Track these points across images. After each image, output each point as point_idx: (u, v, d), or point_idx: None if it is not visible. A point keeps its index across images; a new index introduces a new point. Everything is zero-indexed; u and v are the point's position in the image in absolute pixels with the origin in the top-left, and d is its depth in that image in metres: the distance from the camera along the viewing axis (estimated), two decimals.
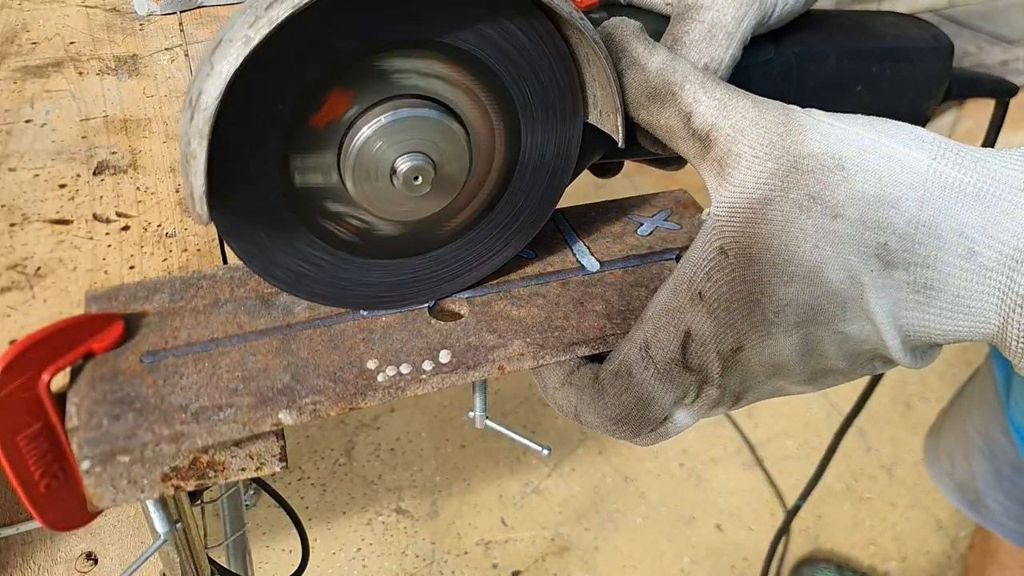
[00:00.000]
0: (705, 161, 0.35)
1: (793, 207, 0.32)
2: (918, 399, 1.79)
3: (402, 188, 0.35)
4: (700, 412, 0.38)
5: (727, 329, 0.35)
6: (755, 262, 0.33)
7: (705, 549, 1.52)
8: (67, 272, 0.43)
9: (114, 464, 0.33)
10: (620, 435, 0.39)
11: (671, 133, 0.36)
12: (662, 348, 0.36)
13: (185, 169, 0.31)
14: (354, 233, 0.37)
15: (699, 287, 0.35)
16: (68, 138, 0.55)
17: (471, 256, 0.41)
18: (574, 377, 0.39)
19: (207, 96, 0.29)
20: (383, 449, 1.66)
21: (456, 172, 0.36)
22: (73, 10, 0.77)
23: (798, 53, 0.42)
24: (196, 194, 0.31)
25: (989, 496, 0.96)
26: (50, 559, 0.55)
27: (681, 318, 0.35)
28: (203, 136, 0.30)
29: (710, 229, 0.34)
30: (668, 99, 0.35)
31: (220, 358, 0.36)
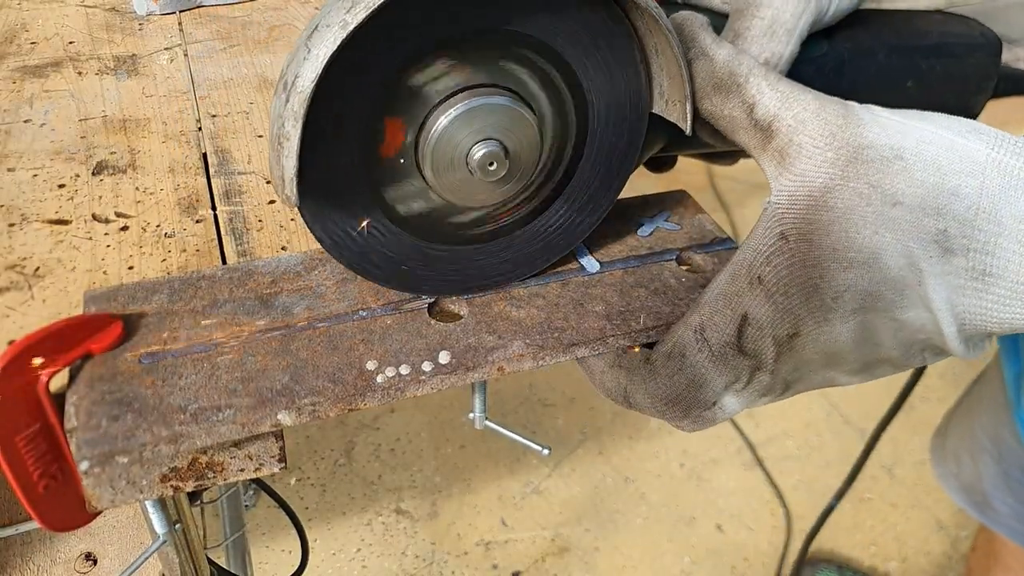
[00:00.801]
0: (766, 151, 0.36)
1: (853, 195, 0.33)
2: (919, 399, 1.79)
3: (478, 174, 0.36)
4: (749, 399, 0.39)
5: (785, 314, 0.35)
6: (815, 247, 0.34)
7: (705, 549, 1.52)
8: (66, 272, 0.43)
9: (113, 465, 0.33)
10: (670, 415, 0.39)
11: (733, 123, 0.37)
12: (718, 331, 0.37)
13: (277, 152, 0.32)
14: (424, 217, 0.39)
15: (758, 272, 0.35)
16: (67, 138, 0.55)
17: (537, 245, 0.42)
18: (623, 360, 0.40)
19: (304, 79, 0.31)
20: (383, 449, 1.66)
21: (528, 158, 0.37)
22: (72, 10, 0.77)
23: (849, 49, 0.43)
24: (287, 176, 0.32)
25: (996, 498, 0.96)
26: (49, 560, 0.55)
27: (739, 302, 0.36)
28: (298, 118, 0.31)
29: (770, 216, 0.35)
30: (733, 90, 0.36)
31: (219, 359, 0.36)
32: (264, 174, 0.52)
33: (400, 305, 0.40)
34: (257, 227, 0.47)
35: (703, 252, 0.46)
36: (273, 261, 0.43)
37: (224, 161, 0.53)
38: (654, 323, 0.41)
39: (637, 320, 0.41)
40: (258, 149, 0.55)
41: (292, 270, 0.42)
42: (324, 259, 0.43)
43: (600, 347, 0.40)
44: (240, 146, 0.55)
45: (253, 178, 0.51)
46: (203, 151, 0.54)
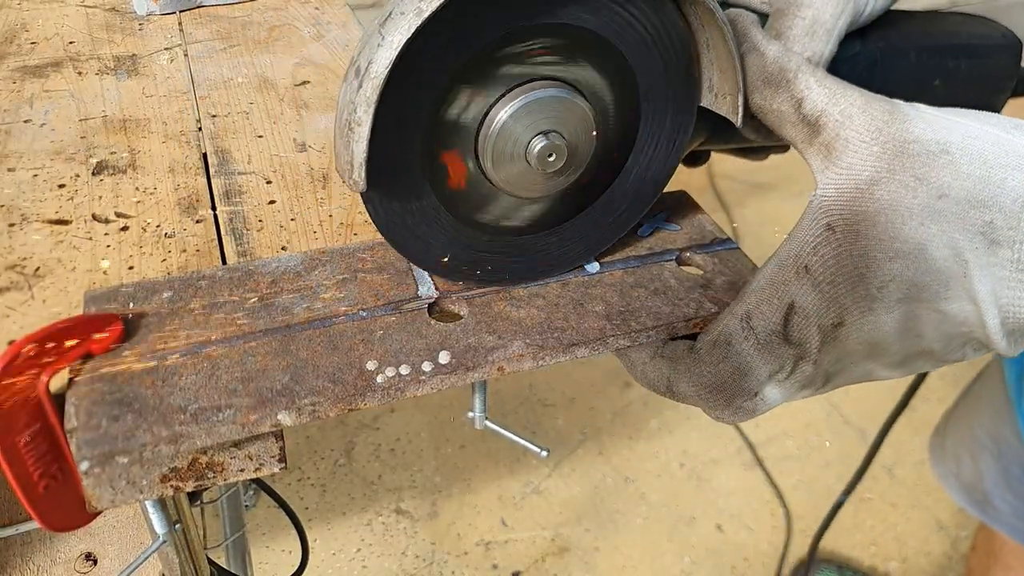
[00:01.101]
0: (812, 145, 0.37)
1: (899, 187, 0.34)
2: (919, 399, 1.79)
3: (536, 166, 0.37)
4: (791, 390, 0.39)
5: (831, 303, 0.36)
6: (862, 238, 0.35)
7: (705, 549, 1.52)
8: (66, 272, 0.43)
9: (113, 465, 0.33)
10: (713, 404, 0.40)
11: (781, 117, 0.38)
12: (764, 319, 0.38)
13: (347, 137, 0.33)
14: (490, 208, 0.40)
15: (805, 261, 0.36)
16: (67, 138, 0.55)
17: (588, 235, 0.43)
18: (665, 350, 0.41)
19: (377, 65, 0.31)
20: (383, 450, 1.66)
21: (584, 148, 0.38)
22: (72, 10, 0.77)
23: (881, 48, 0.44)
24: (356, 161, 0.33)
25: (997, 496, 0.96)
26: (49, 560, 0.55)
27: (786, 291, 0.37)
28: (371, 104, 0.32)
29: (816, 208, 0.36)
30: (783, 85, 0.37)
31: (219, 359, 0.36)
32: (264, 174, 0.52)
33: (400, 305, 0.40)
34: (257, 227, 0.47)
35: (703, 252, 0.46)
36: (273, 261, 0.43)
37: (224, 161, 0.53)
38: (654, 323, 0.41)
39: (637, 320, 0.41)
40: (258, 149, 0.55)
41: (292, 270, 0.42)
42: (324, 259, 0.43)
43: (600, 347, 0.40)
44: (240, 146, 0.55)
45: (253, 178, 0.51)
46: (203, 151, 0.54)
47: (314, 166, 0.53)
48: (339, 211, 0.49)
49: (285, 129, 0.57)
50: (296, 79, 0.65)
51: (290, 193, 0.50)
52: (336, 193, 0.50)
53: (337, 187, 0.51)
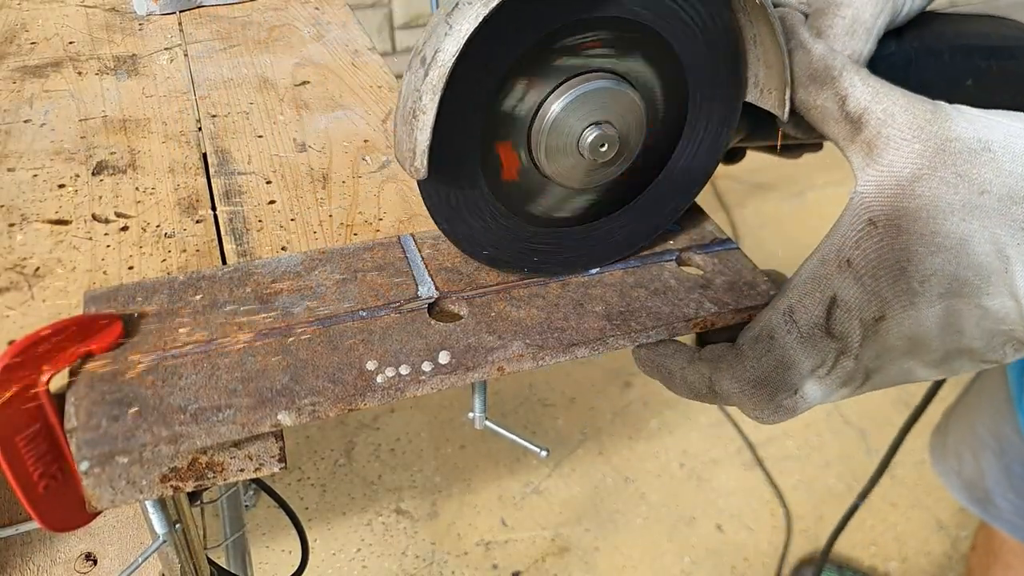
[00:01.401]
0: (854, 143, 0.38)
1: (940, 184, 0.35)
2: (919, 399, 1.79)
3: (588, 156, 0.38)
4: (831, 387, 0.40)
5: (872, 296, 0.37)
6: (903, 232, 0.36)
7: (705, 549, 1.52)
8: (66, 272, 0.43)
9: (113, 465, 0.33)
10: (756, 399, 0.40)
11: (824, 114, 0.39)
12: (807, 312, 0.38)
13: (410, 125, 0.34)
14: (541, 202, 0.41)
15: (848, 255, 0.37)
16: (67, 138, 0.55)
17: (631, 228, 0.44)
18: (704, 353, 0.41)
19: (444, 54, 0.32)
20: (383, 450, 1.66)
21: (634, 139, 0.39)
22: (72, 10, 0.77)
23: (916, 48, 0.44)
24: (419, 148, 0.34)
25: (998, 494, 0.96)
26: (49, 560, 0.55)
27: (828, 284, 0.38)
28: (436, 92, 0.32)
29: (857, 205, 0.37)
30: (827, 82, 0.38)
31: (219, 359, 0.36)
32: (264, 174, 0.52)
33: (400, 305, 0.40)
34: (257, 227, 0.47)
35: (703, 252, 0.46)
36: (273, 261, 0.43)
37: (224, 161, 0.53)
38: (654, 323, 0.41)
39: (637, 320, 0.41)
40: (258, 149, 0.55)
41: (292, 270, 0.42)
42: (324, 259, 0.43)
43: (600, 347, 0.40)
44: (240, 146, 0.55)
45: (253, 178, 0.51)
46: (203, 151, 0.54)
47: (314, 166, 0.53)
48: (339, 211, 0.49)
49: (285, 129, 0.57)
50: (296, 79, 0.65)
51: (290, 193, 0.50)
52: (336, 193, 0.50)
53: (337, 187, 0.51)
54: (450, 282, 0.42)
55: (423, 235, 0.46)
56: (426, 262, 0.43)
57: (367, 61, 0.68)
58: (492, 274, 0.43)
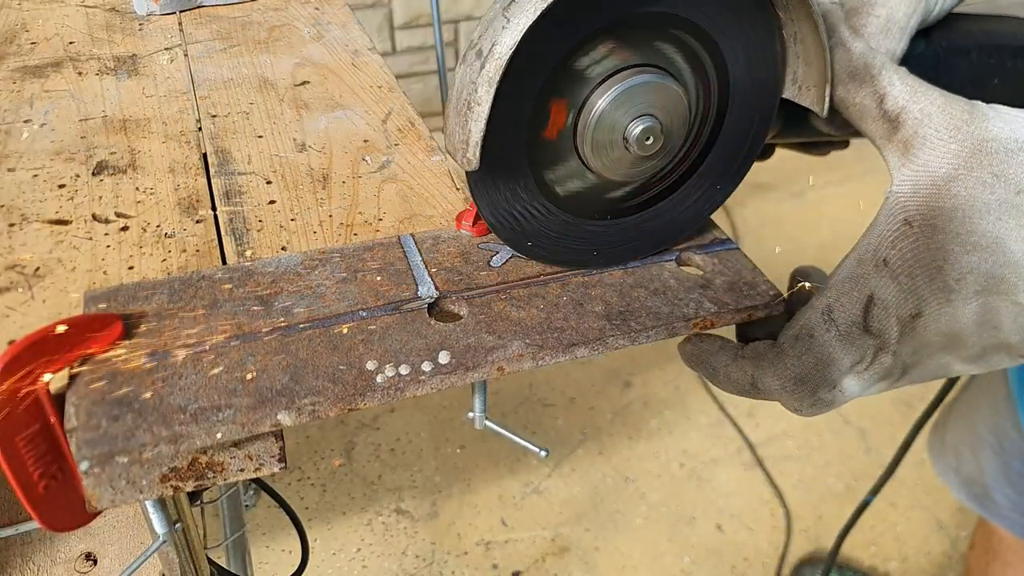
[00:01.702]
0: (891, 142, 0.38)
1: (976, 184, 0.35)
2: (919, 399, 1.79)
3: (635, 150, 0.38)
4: (869, 381, 0.40)
5: (909, 294, 0.37)
6: (939, 231, 0.36)
7: (705, 549, 1.52)
8: (66, 272, 0.43)
9: (113, 465, 0.33)
10: (798, 396, 0.41)
11: (862, 112, 0.39)
12: (845, 311, 0.39)
13: (464, 116, 0.35)
14: (580, 195, 0.41)
15: (884, 255, 0.38)
16: (67, 138, 0.55)
17: (668, 222, 0.44)
18: (746, 351, 0.42)
19: (502, 47, 0.33)
20: (383, 449, 1.66)
21: (678, 132, 0.40)
22: (72, 10, 0.77)
23: (944, 47, 0.45)
24: (472, 140, 0.35)
25: (997, 490, 0.96)
26: (49, 559, 0.55)
27: (865, 283, 0.38)
28: (492, 84, 0.33)
29: (892, 204, 0.38)
30: (867, 80, 0.39)
31: (219, 359, 0.36)
32: (264, 174, 0.52)
33: (400, 305, 0.40)
34: (257, 227, 0.47)
35: (703, 252, 0.46)
36: (273, 261, 0.43)
37: (224, 161, 0.53)
38: (653, 323, 0.41)
39: (637, 320, 0.41)
40: (258, 149, 0.55)
41: (292, 270, 0.42)
42: (324, 259, 0.43)
43: (600, 347, 0.40)
44: (240, 146, 0.55)
45: (253, 178, 0.51)
46: (203, 151, 0.54)
47: (314, 166, 0.53)
48: (339, 211, 0.49)
49: (285, 129, 0.57)
50: (296, 79, 0.65)
51: (290, 193, 0.50)
52: (336, 193, 0.50)
53: (337, 187, 0.51)
54: (450, 282, 0.42)
55: (423, 235, 0.46)
56: (426, 262, 0.43)
57: (367, 61, 0.68)
58: (492, 274, 0.43)
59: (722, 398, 1.79)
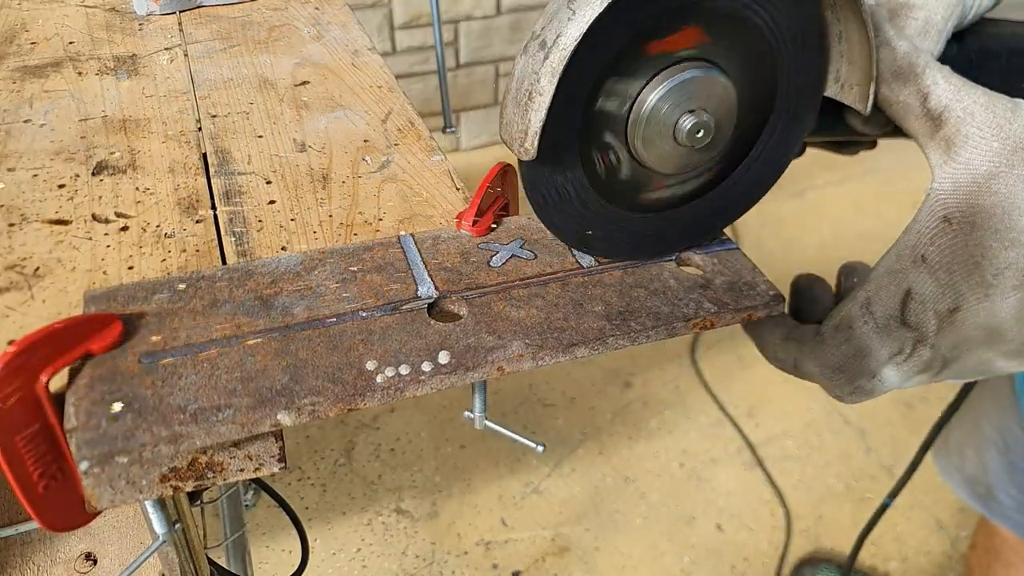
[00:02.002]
0: (933, 140, 0.39)
1: (1017, 182, 0.36)
2: (918, 399, 1.79)
3: (685, 143, 0.39)
4: (908, 373, 0.41)
5: (946, 289, 0.38)
6: (978, 228, 0.37)
7: (705, 549, 1.52)
8: (66, 272, 0.43)
9: (112, 465, 0.33)
10: (836, 382, 0.42)
11: (905, 110, 0.40)
12: (882, 304, 0.40)
13: (525, 107, 0.35)
14: (630, 188, 0.42)
15: (923, 251, 0.39)
16: (67, 138, 0.55)
17: (714, 210, 0.45)
18: (795, 333, 0.44)
19: (567, 38, 0.33)
20: (383, 449, 1.66)
21: (726, 126, 0.40)
22: (72, 10, 0.77)
23: (976, 51, 0.46)
24: (532, 130, 0.35)
25: (1000, 490, 0.96)
26: (49, 559, 0.55)
27: (903, 278, 0.39)
28: (555, 74, 0.34)
29: (933, 202, 0.38)
30: (910, 79, 0.39)
31: (219, 359, 0.36)
32: (264, 174, 0.52)
33: (400, 305, 0.40)
34: (257, 227, 0.47)
35: (703, 252, 0.46)
36: (273, 261, 0.43)
37: (224, 161, 0.53)
38: (653, 323, 0.41)
39: (637, 320, 0.41)
40: (258, 149, 0.55)
41: (292, 270, 0.42)
42: (324, 259, 0.43)
43: (600, 347, 0.40)
44: (240, 146, 0.55)
45: (253, 178, 0.51)
46: (203, 151, 0.54)
47: (314, 166, 0.53)
48: (339, 211, 0.49)
49: (285, 129, 0.57)
50: (296, 79, 0.65)
51: (290, 193, 0.50)
52: (336, 193, 0.50)
53: (337, 187, 0.51)
54: (450, 282, 0.42)
55: (423, 235, 0.46)
56: (426, 262, 0.43)
57: (367, 61, 0.68)
58: (492, 274, 0.43)
59: (722, 398, 1.79)
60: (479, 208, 0.46)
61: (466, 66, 2.40)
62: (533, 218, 0.47)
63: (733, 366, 1.86)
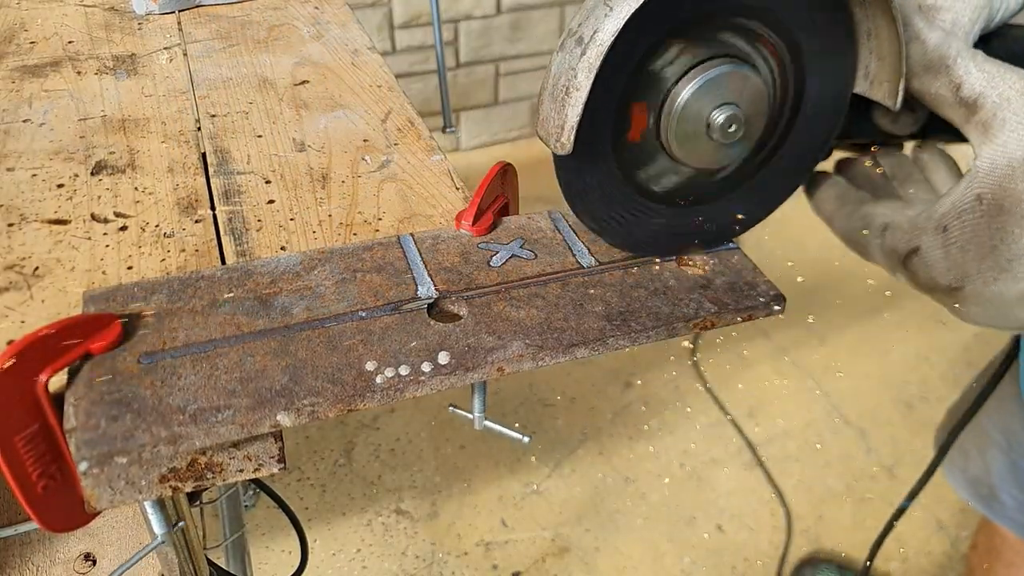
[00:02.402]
0: (969, 123, 0.40)
1: None
2: (918, 399, 1.79)
3: (718, 137, 0.39)
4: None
5: (953, 268, 0.40)
6: (1004, 212, 0.38)
7: (706, 550, 1.52)
8: (65, 272, 0.43)
9: (112, 465, 0.33)
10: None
11: (939, 100, 0.41)
12: (892, 240, 0.42)
13: (561, 101, 0.36)
14: (675, 186, 0.43)
15: (947, 222, 0.40)
16: (66, 138, 0.55)
17: (743, 207, 0.45)
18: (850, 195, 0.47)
19: (604, 33, 0.34)
20: (383, 450, 1.66)
21: (757, 121, 0.41)
22: (71, 9, 0.77)
23: (1002, 57, 0.47)
24: (568, 124, 0.35)
25: (1003, 491, 0.96)
26: (48, 560, 0.55)
27: (919, 236, 0.41)
28: (592, 69, 0.34)
29: (972, 177, 0.39)
30: (942, 71, 0.40)
31: (218, 359, 0.36)
32: (263, 174, 0.52)
33: (400, 305, 0.40)
34: (256, 227, 0.47)
35: (703, 252, 0.45)
36: (272, 261, 0.43)
37: (223, 161, 0.53)
38: (654, 323, 0.41)
39: (637, 320, 0.41)
40: (257, 149, 0.55)
41: (291, 270, 0.42)
42: (323, 259, 0.43)
43: (600, 347, 0.40)
44: (239, 146, 0.55)
45: (252, 178, 0.51)
46: (202, 151, 0.54)
47: (313, 166, 0.53)
48: (338, 211, 0.49)
49: (284, 129, 0.57)
50: (296, 79, 0.64)
51: (289, 193, 0.50)
52: (335, 193, 0.50)
53: (336, 187, 0.51)
54: (450, 282, 0.42)
55: (423, 235, 0.46)
56: (426, 262, 0.43)
57: (367, 61, 0.68)
58: (492, 274, 0.43)
59: (722, 398, 1.79)
60: (479, 208, 0.46)
61: (466, 66, 2.40)
62: (533, 218, 0.47)
63: (733, 366, 1.86)
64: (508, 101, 2.51)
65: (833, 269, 1.93)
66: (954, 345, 1.89)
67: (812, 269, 2.06)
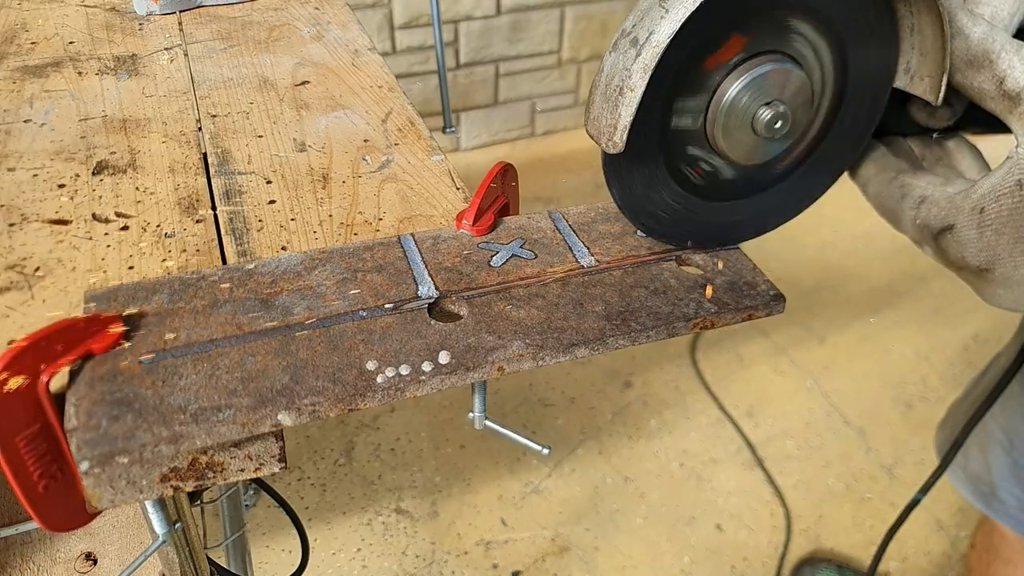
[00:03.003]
0: (1012, 115, 0.40)
1: None
2: (918, 399, 1.79)
3: (763, 133, 0.40)
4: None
5: (984, 249, 0.40)
6: None
7: (705, 549, 1.52)
8: (66, 272, 0.43)
9: (113, 465, 0.33)
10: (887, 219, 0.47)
11: (982, 94, 0.41)
12: (927, 213, 0.42)
13: (615, 101, 0.36)
14: (703, 177, 0.43)
15: (984, 204, 0.40)
16: (67, 138, 0.55)
17: (784, 199, 0.46)
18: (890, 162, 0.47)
19: (659, 35, 0.34)
20: (383, 449, 1.66)
21: (801, 118, 0.41)
22: (72, 10, 0.77)
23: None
24: (621, 124, 0.36)
25: (1004, 489, 0.96)
26: (49, 559, 0.55)
27: (954, 215, 0.41)
28: (647, 71, 0.35)
29: (1014, 164, 0.39)
30: (985, 65, 0.40)
31: (219, 359, 0.36)
32: (264, 174, 0.52)
33: (400, 305, 0.40)
34: (257, 227, 0.47)
35: (703, 252, 0.46)
36: (273, 261, 0.43)
37: (224, 161, 0.53)
38: (654, 323, 0.41)
39: (637, 320, 0.41)
40: (258, 149, 0.55)
41: (292, 270, 0.42)
42: (324, 259, 0.43)
43: (600, 347, 0.40)
44: (240, 146, 0.55)
45: (253, 178, 0.51)
46: (203, 151, 0.54)
47: (314, 166, 0.53)
48: (339, 211, 0.49)
49: (285, 129, 0.57)
50: (296, 79, 0.65)
51: (290, 193, 0.50)
52: (336, 193, 0.50)
53: (337, 187, 0.51)
54: (450, 282, 0.42)
55: (423, 235, 0.46)
56: (426, 262, 0.43)
57: (367, 61, 0.68)
58: (492, 274, 0.43)
59: (722, 398, 1.79)
60: (479, 208, 0.46)
61: (466, 66, 2.40)
62: (533, 218, 0.47)
63: (733, 366, 1.86)
64: (508, 101, 2.51)
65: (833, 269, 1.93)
66: (954, 345, 1.90)
67: (812, 269, 2.06)
